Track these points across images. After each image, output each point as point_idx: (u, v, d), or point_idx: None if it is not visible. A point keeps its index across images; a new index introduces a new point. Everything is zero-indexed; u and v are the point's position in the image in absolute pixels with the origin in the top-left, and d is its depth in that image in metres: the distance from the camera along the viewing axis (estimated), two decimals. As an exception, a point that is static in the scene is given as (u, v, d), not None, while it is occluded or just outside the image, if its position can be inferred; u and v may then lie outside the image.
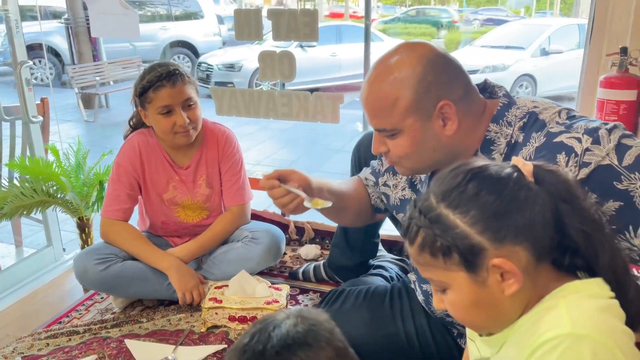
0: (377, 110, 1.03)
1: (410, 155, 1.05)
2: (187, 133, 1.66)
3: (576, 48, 8.33)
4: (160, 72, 1.61)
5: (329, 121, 2.27)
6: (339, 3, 27.36)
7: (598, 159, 0.92)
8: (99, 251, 1.69)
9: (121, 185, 1.73)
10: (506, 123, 1.03)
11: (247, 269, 1.69)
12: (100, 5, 2.61)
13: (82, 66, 7.18)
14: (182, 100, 1.62)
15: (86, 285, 1.73)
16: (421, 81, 0.98)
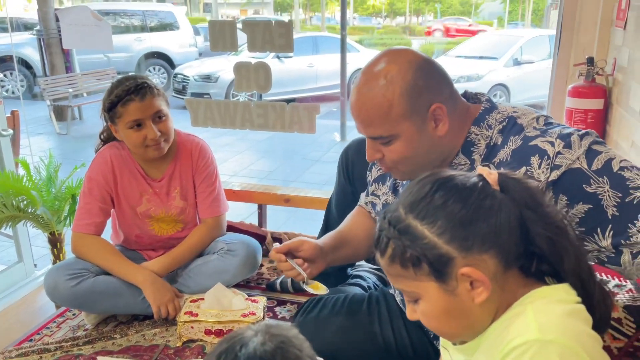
0: (371, 118, 1.03)
1: (407, 159, 1.06)
2: (158, 146, 1.64)
3: (547, 58, 8.52)
4: (128, 86, 1.58)
5: (305, 131, 2.27)
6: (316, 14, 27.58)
7: (569, 162, 0.95)
8: (70, 266, 1.65)
9: (93, 199, 1.70)
10: (486, 126, 1.07)
11: (223, 282, 1.67)
12: (72, 16, 2.58)
13: (54, 78, 7.07)
14: (152, 113, 1.60)
15: (57, 301, 1.69)
16: (413, 86, 1.00)
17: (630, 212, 0.92)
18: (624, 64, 1.73)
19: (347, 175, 1.63)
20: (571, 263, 0.72)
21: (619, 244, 0.93)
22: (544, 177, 0.96)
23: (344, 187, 1.64)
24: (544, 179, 0.96)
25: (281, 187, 2.32)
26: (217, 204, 1.80)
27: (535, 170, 0.97)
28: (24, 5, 19.48)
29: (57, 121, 6.87)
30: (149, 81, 1.63)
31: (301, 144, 6.14)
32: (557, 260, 0.73)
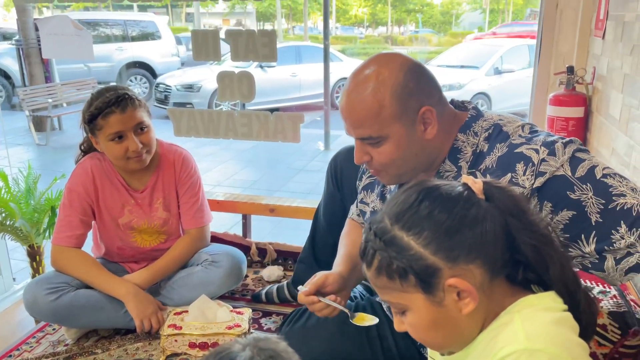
0: (361, 119, 1.03)
1: (395, 162, 1.06)
2: (140, 158, 1.61)
3: (527, 67, 8.66)
4: (108, 98, 1.55)
5: (289, 140, 2.26)
6: (299, 24, 27.70)
7: (553, 169, 0.96)
8: (49, 280, 1.62)
9: (73, 211, 1.67)
10: (473, 133, 1.08)
11: (207, 294, 1.64)
12: (52, 26, 2.54)
13: (33, 88, 6.95)
14: (134, 125, 1.57)
15: (37, 316, 1.65)
16: (404, 88, 1.01)
17: (613, 218, 0.93)
18: (603, 72, 1.76)
19: (336, 183, 1.63)
20: (556, 270, 0.72)
21: (602, 250, 0.94)
22: (528, 183, 0.97)
23: (332, 194, 1.64)
24: (528, 186, 0.97)
25: (266, 197, 2.31)
26: (200, 215, 1.78)
27: (520, 176, 0.98)
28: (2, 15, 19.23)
29: (37, 132, 6.76)
30: (129, 92, 1.60)
31: (285, 153, 6.13)
32: (543, 268, 0.73)
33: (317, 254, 1.73)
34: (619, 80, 1.57)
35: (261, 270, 2.07)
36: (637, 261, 0.91)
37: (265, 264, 2.12)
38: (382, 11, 28.00)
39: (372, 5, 27.55)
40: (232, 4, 26.39)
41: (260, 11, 25.19)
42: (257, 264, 2.14)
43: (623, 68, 1.53)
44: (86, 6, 20.45)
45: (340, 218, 1.48)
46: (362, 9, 28.66)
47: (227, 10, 27.46)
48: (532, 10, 25.63)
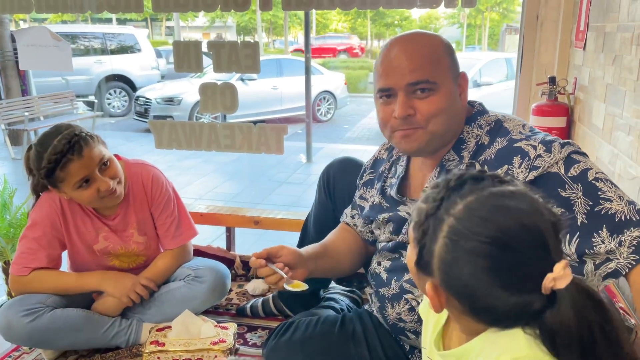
0: (422, 62, 1.07)
1: (441, 114, 1.09)
2: (113, 193, 1.52)
3: (504, 80, 8.82)
4: (59, 147, 1.41)
5: (273, 152, 2.24)
6: (279, 38, 27.84)
7: (547, 165, 0.99)
8: (24, 301, 1.53)
9: (37, 245, 1.57)
10: (477, 126, 1.14)
11: (190, 309, 1.60)
12: (30, 37, 2.50)
13: (9, 101, 6.82)
14: (96, 165, 1.47)
15: (12, 341, 1.56)
16: (451, 51, 1.12)
17: (597, 221, 0.94)
18: (585, 83, 1.78)
19: (328, 193, 1.62)
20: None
21: (583, 253, 0.94)
22: (522, 176, 1.00)
23: (324, 204, 1.63)
24: (522, 178, 1.00)
25: (250, 209, 2.28)
26: (180, 233, 1.72)
27: (515, 169, 1.02)
28: (-23, 28, 18.75)
29: (12, 146, 6.62)
30: (77, 130, 1.47)
31: (267, 166, 6.10)
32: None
33: (304, 266, 1.70)
34: (601, 90, 1.59)
35: (245, 284, 2.03)
36: (616, 267, 0.91)
37: (249, 277, 2.09)
38: (362, 25, 28.32)
39: (351, 20, 27.85)
40: (212, 17, 26.45)
41: (241, 25, 25.28)
42: (241, 277, 2.10)
43: (605, 78, 1.55)
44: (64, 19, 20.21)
45: (331, 228, 1.47)
46: (341, 23, 28.96)
47: (207, 24, 27.48)
48: (508, 25, 26.20)
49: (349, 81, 12.32)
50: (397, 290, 1.23)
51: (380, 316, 1.30)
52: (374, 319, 1.34)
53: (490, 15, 24.66)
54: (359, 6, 2.04)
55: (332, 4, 2.05)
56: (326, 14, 27.81)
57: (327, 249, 1.36)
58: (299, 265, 1.22)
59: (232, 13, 24.44)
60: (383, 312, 1.28)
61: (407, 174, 1.26)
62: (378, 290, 1.29)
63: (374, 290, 1.33)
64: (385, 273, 1.28)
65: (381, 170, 1.34)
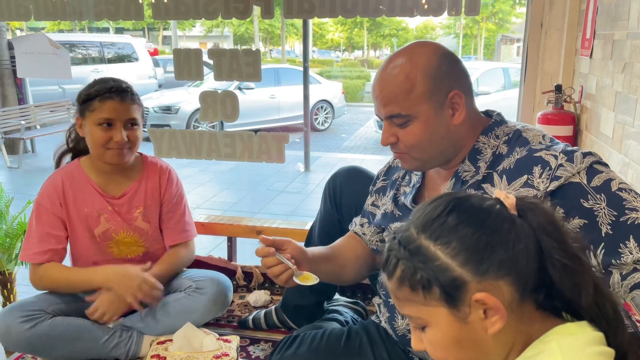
0: (393, 95, 1.06)
1: (422, 143, 1.07)
2: (120, 152, 1.55)
3: (502, 89, 8.86)
4: (111, 85, 1.54)
5: (274, 161, 2.22)
6: (276, 47, 27.94)
7: (568, 175, 0.96)
8: (23, 307, 1.51)
9: (43, 226, 1.58)
10: (494, 136, 1.10)
11: (191, 322, 1.56)
12: (28, 44, 2.47)
13: (5, 110, 6.79)
14: (127, 118, 1.54)
15: (9, 347, 1.53)
16: (436, 70, 1.05)
17: (624, 231, 0.92)
18: (592, 91, 1.77)
19: (334, 203, 1.59)
20: (590, 295, 0.68)
21: (609, 264, 0.92)
22: (543, 186, 0.97)
23: (330, 214, 1.60)
24: (542, 189, 0.97)
25: (252, 218, 2.24)
26: (186, 229, 1.72)
27: (535, 179, 0.99)
28: (-26, 36, 18.73)
29: (8, 154, 6.58)
30: (132, 89, 1.59)
31: (265, 175, 6.08)
32: (576, 292, 0.68)
33: (309, 277, 1.67)
34: (610, 98, 1.57)
35: (247, 295, 1.99)
36: None
37: (251, 288, 2.05)
38: (358, 35, 28.49)
39: (348, 30, 28.02)
40: (209, 27, 26.55)
41: (238, 34, 25.37)
42: (242, 288, 2.06)
43: (614, 86, 1.54)
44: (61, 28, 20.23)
45: (337, 239, 1.44)
46: (338, 34, 29.12)
47: (204, 34, 27.57)
48: (503, 35, 26.42)
49: (347, 90, 12.36)
50: None
51: (389, 327, 1.26)
52: (381, 330, 1.31)
53: (487, 25, 24.86)
54: (360, 14, 2.03)
55: (333, 12, 2.04)
56: (323, 24, 27.97)
57: (333, 253, 1.33)
58: (302, 263, 1.18)
59: (229, 23, 24.57)
60: (392, 322, 1.25)
61: (422, 183, 1.23)
62: (387, 300, 1.26)
63: (382, 300, 1.29)
64: None
65: (394, 178, 1.31)
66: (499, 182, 1.05)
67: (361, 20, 25.47)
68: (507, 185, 1.04)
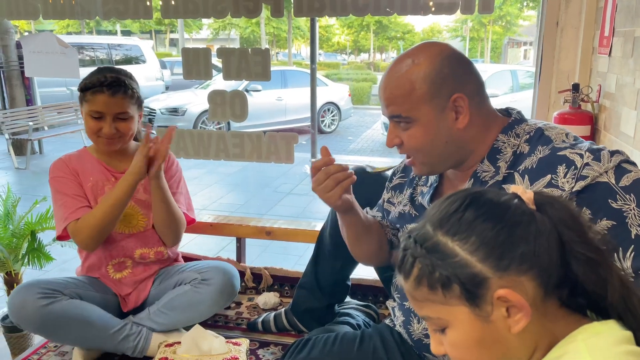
0: (394, 96, 1.05)
1: (424, 147, 1.06)
2: (110, 141, 1.59)
3: (510, 92, 8.80)
4: (105, 78, 1.55)
5: (283, 161, 2.19)
6: (282, 50, 27.98)
7: (596, 174, 0.92)
8: (42, 284, 1.49)
9: (68, 191, 1.59)
10: (514, 135, 1.07)
11: (199, 314, 1.54)
12: (36, 44, 2.46)
13: (13, 111, 6.80)
14: (116, 112, 1.56)
15: (22, 323, 1.50)
16: (438, 73, 1.02)
17: None
18: (611, 90, 1.73)
19: None
20: (616, 291, 0.65)
21: (639, 268, 0.88)
22: (568, 186, 0.93)
23: None
24: (568, 189, 0.93)
25: (261, 219, 2.21)
26: (190, 210, 1.74)
27: (560, 179, 0.95)
28: (-18, 38, 18.88)
29: (16, 155, 6.59)
30: (128, 80, 1.58)
31: (271, 177, 6.05)
32: (600, 288, 0.65)
33: (320, 278, 1.64)
34: (632, 96, 1.53)
35: (256, 297, 1.96)
36: None
37: (260, 290, 2.01)
38: (365, 38, 28.47)
39: (354, 33, 28.01)
40: (215, 30, 26.63)
41: (244, 37, 25.42)
42: (252, 290, 2.03)
43: (635, 84, 1.49)
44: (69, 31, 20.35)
45: None
46: (344, 36, 29.12)
47: (211, 36, 27.66)
48: (510, 38, 26.34)
49: (353, 93, 12.34)
50: None
51: (404, 331, 1.23)
52: (395, 334, 1.27)
53: (493, 28, 24.78)
54: (372, 12, 1.99)
55: (344, 11, 2.01)
56: (329, 27, 27.98)
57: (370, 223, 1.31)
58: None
59: (236, 25, 24.61)
60: (407, 326, 1.21)
61: (440, 183, 1.20)
62: (403, 303, 1.22)
63: (397, 303, 1.26)
64: None
65: (412, 176, 1.28)
66: (521, 182, 1.01)
67: (368, 23, 25.46)
68: (529, 186, 1.00)
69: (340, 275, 1.64)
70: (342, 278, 1.66)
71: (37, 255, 2.04)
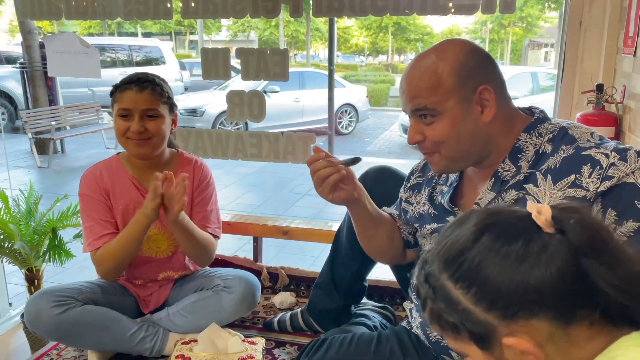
0: (419, 89, 1.04)
1: (449, 140, 1.04)
2: (140, 142, 1.54)
3: (530, 94, 8.69)
4: (135, 76, 1.56)
5: (300, 161, 2.19)
6: (300, 52, 28.04)
7: (622, 174, 0.91)
8: (55, 292, 1.50)
9: (95, 213, 1.57)
10: (537, 134, 1.06)
11: (218, 321, 1.54)
12: (59, 43, 2.49)
13: (36, 111, 6.93)
14: (143, 108, 1.53)
15: (38, 332, 1.52)
16: (464, 65, 1.02)
17: None
18: (636, 90, 1.69)
19: None
20: None
21: None
22: (593, 187, 0.92)
23: None
24: (592, 189, 0.92)
25: (278, 218, 2.21)
26: (215, 228, 1.69)
27: (584, 179, 0.94)
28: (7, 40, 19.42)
29: (39, 154, 6.70)
30: (158, 79, 1.58)
31: (288, 177, 6.06)
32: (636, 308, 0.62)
33: (336, 279, 1.63)
34: (657, 97, 1.49)
35: (272, 297, 1.96)
36: None
37: (276, 289, 2.01)
38: (383, 40, 28.37)
39: (373, 35, 27.93)
40: (234, 32, 26.80)
41: (263, 39, 25.54)
42: (268, 289, 2.03)
43: (662, 84, 1.46)
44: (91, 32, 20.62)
45: None
46: (363, 38, 29.06)
47: (229, 38, 27.85)
48: (531, 40, 26.01)
49: (371, 94, 12.30)
50: None
51: (422, 333, 1.22)
52: (412, 336, 1.26)
53: (513, 30, 24.50)
54: (391, 12, 1.98)
55: (363, 11, 2.00)
56: (347, 28, 27.96)
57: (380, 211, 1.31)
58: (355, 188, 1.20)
59: (255, 27, 24.73)
60: (425, 328, 1.20)
61: (460, 182, 1.18)
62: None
63: (415, 304, 1.25)
64: None
65: (430, 175, 1.26)
66: (543, 182, 1.00)
67: (386, 24, 25.37)
68: (552, 186, 0.98)
69: (356, 276, 1.63)
70: (359, 279, 1.66)
71: (58, 252, 2.06)
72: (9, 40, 20.09)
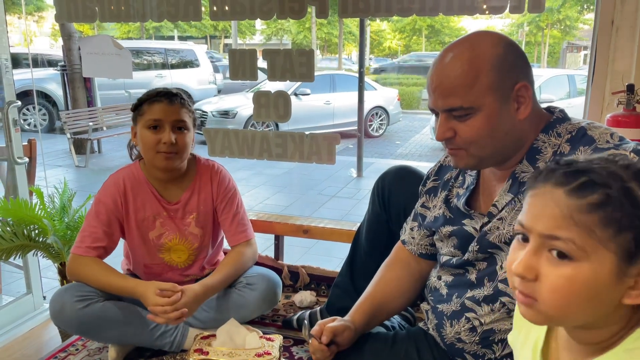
0: (454, 87, 0.98)
1: (483, 139, 1.00)
2: (169, 155, 1.56)
3: (566, 97, 8.48)
4: (161, 90, 1.59)
5: (324, 162, 2.20)
6: (333, 55, 28.11)
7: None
8: (79, 288, 1.55)
9: (99, 222, 1.60)
10: (555, 134, 1.04)
11: (240, 317, 1.56)
12: (93, 45, 2.58)
13: (75, 111, 7.18)
14: (174, 120, 1.56)
15: (61, 325, 1.58)
16: (503, 61, 0.98)
17: None
18: (668, 91, 1.64)
19: (383, 202, 1.55)
20: None
21: None
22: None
23: (378, 215, 1.56)
24: None
25: (300, 217, 2.23)
26: (244, 228, 1.71)
27: None
28: (50, 44, 20.17)
29: (77, 154, 6.93)
30: (184, 95, 1.62)
31: (317, 179, 6.08)
32: None
33: (355, 279, 1.63)
34: (690, 97, 1.44)
35: (293, 295, 1.97)
36: None
37: (297, 288, 2.03)
38: (416, 43, 28.14)
39: (406, 37, 27.74)
40: (268, 35, 27.08)
41: (296, 43, 25.71)
42: (288, 288, 2.05)
43: (694, 84, 1.41)
44: (130, 36, 21.19)
45: (385, 241, 1.40)
46: (396, 41, 28.90)
47: (263, 42, 28.15)
48: (569, 43, 25.34)
49: (402, 97, 12.21)
50: (458, 308, 1.14)
51: (437, 334, 1.21)
52: (429, 338, 1.25)
53: (551, 32, 23.92)
54: (417, 13, 1.97)
55: (389, 12, 2.00)
56: (381, 31, 27.87)
57: (377, 306, 1.29)
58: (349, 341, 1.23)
59: (288, 31, 24.91)
60: (440, 330, 1.19)
61: (477, 185, 1.16)
62: (436, 306, 1.20)
63: (431, 306, 1.24)
64: (446, 288, 1.19)
65: (446, 178, 1.25)
66: None
67: (420, 27, 25.17)
68: None
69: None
70: None
71: (88, 247, 2.12)
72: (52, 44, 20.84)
